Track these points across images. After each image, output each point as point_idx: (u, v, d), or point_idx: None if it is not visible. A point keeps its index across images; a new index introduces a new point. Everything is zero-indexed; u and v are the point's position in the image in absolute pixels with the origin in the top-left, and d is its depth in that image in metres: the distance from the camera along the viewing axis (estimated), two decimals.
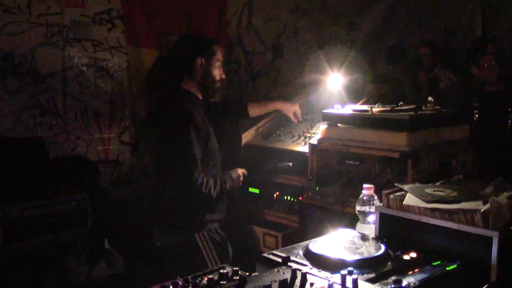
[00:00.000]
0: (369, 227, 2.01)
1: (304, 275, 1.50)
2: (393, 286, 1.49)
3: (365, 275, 1.56)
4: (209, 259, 2.63)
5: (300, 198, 2.94)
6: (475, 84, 4.31)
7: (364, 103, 3.18)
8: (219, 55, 2.82)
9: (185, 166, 2.57)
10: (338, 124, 2.75)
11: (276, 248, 2.86)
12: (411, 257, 1.71)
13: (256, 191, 3.24)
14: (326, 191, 2.74)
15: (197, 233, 2.66)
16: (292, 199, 3.05)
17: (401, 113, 2.56)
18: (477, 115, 3.89)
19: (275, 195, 3.14)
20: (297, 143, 3.12)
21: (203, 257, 2.63)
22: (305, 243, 1.85)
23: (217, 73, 2.80)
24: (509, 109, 3.76)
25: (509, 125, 3.76)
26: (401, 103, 2.73)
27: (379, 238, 1.91)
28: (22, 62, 3.65)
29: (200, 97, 2.82)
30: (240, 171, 2.89)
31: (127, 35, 4.03)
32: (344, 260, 1.65)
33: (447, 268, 1.64)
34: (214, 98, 2.92)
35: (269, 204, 3.17)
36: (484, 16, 6.07)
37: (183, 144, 2.58)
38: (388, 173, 2.68)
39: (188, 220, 2.68)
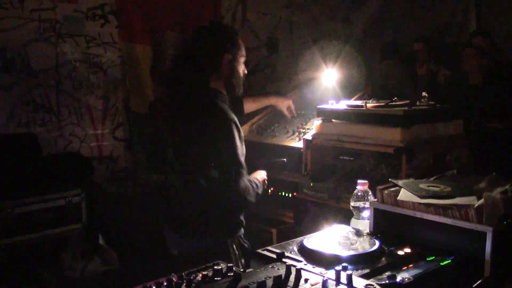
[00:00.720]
0: (364, 222, 2.01)
1: (298, 271, 1.50)
2: (387, 281, 1.49)
3: (360, 271, 1.56)
4: (237, 266, 2.41)
5: (295, 193, 2.94)
6: (461, 77, 4.34)
7: (359, 98, 3.18)
8: (243, 50, 2.60)
9: (232, 172, 2.36)
10: (333, 120, 2.74)
11: (271, 243, 2.86)
12: (405, 253, 1.71)
13: None
14: (321, 186, 2.75)
15: (229, 239, 2.40)
16: (286, 195, 3.05)
17: (396, 109, 2.55)
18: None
19: (269, 191, 3.14)
20: (292, 139, 3.12)
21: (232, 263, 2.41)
22: (299, 239, 1.85)
23: (242, 69, 2.59)
24: (489, 102, 3.77)
25: (475, 118, 3.77)
26: (396, 98, 2.73)
27: (373, 233, 1.91)
28: (15, 57, 3.63)
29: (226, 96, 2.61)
30: (263, 173, 2.70)
31: (120, 30, 4.02)
32: (338, 256, 1.65)
33: (441, 263, 1.64)
34: (239, 95, 2.67)
35: (263, 199, 3.17)
36: (478, 11, 6.08)
37: (230, 148, 2.36)
38: (383, 168, 2.69)
39: (220, 224, 2.43)
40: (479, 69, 3.97)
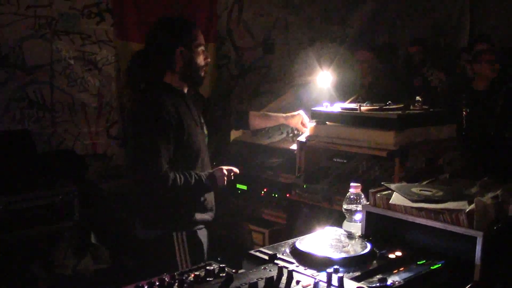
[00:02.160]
0: (356, 225, 2.02)
1: (290, 273, 1.50)
2: (378, 284, 1.50)
3: (351, 274, 1.57)
4: (180, 261, 2.44)
5: (288, 195, 2.94)
6: (464, 81, 4.32)
7: (353, 101, 3.19)
8: (200, 39, 2.52)
9: (147, 160, 2.33)
10: (327, 122, 2.75)
11: (263, 244, 2.87)
12: (396, 256, 1.72)
13: (244, 187, 3.24)
14: (314, 188, 2.75)
15: (175, 232, 2.45)
16: (280, 196, 3.06)
17: (389, 112, 2.57)
18: (465, 113, 3.89)
19: (263, 192, 3.14)
20: (286, 140, 3.13)
21: (175, 257, 2.44)
22: (292, 240, 1.86)
23: (200, 59, 2.51)
24: (495, 108, 3.76)
25: (495, 122, 3.77)
26: (390, 102, 2.74)
27: (365, 236, 1.92)
28: (9, 54, 3.62)
29: (185, 89, 2.58)
30: (225, 169, 2.57)
31: (115, 28, 4.01)
32: (330, 258, 1.66)
33: (431, 267, 1.65)
34: (200, 86, 2.67)
35: (256, 200, 3.18)
36: (473, 14, 6.12)
37: (147, 137, 2.34)
38: (376, 171, 2.70)
39: (167, 217, 2.48)
40: (490, 74, 3.90)
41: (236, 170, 2.61)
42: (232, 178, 2.58)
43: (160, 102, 2.38)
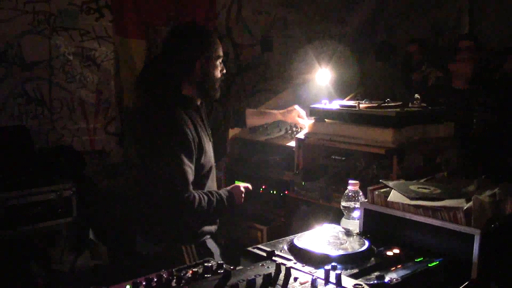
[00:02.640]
0: (354, 222, 2.03)
1: (288, 270, 1.51)
2: (375, 281, 1.50)
3: (349, 271, 1.57)
4: None
5: (286, 192, 2.95)
6: (444, 81, 4.33)
7: (351, 98, 3.19)
8: (219, 51, 2.44)
9: (175, 181, 2.24)
10: (325, 120, 2.76)
11: (261, 241, 2.87)
12: (394, 253, 1.72)
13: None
14: (312, 185, 2.76)
15: (184, 245, 2.37)
16: (278, 193, 3.06)
17: (388, 110, 2.57)
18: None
19: (261, 189, 3.15)
20: (284, 137, 3.13)
21: None
22: (290, 237, 1.86)
23: (218, 71, 2.44)
24: (475, 107, 3.76)
25: (474, 122, 3.76)
26: (388, 99, 2.74)
27: (363, 233, 1.93)
28: (8, 50, 3.62)
29: (199, 101, 2.49)
30: (243, 186, 2.55)
31: (114, 24, 4.01)
32: (328, 255, 1.66)
33: (429, 265, 1.66)
34: (215, 98, 2.54)
35: (255, 197, 3.18)
36: (471, 14, 6.12)
37: (173, 156, 2.25)
38: (374, 169, 2.70)
39: (175, 231, 2.38)
40: (468, 73, 3.92)
41: (250, 187, 2.62)
42: (251, 193, 2.60)
43: (182, 118, 2.31)
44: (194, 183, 2.33)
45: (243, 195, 2.51)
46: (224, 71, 2.51)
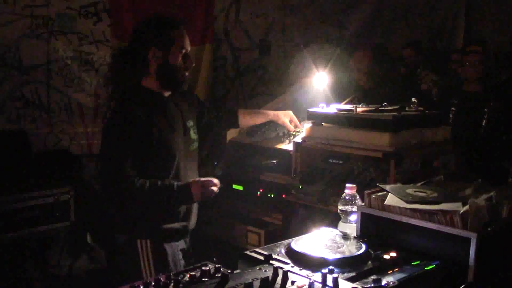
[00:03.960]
0: (351, 226, 2.04)
1: (285, 273, 1.51)
2: (372, 285, 1.51)
3: (346, 274, 1.58)
4: (144, 269, 2.37)
5: (284, 195, 2.95)
6: (455, 83, 4.35)
7: (349, 102, 3.20)
8: (181, 41, 2.40)
9: (112, 166, 2.32)
10: (323, 123, 2.77)
11: (259, 245, 2.87)
12: (391, 257, 1.73)
13: (240, 188, 3.25)
14: (310, 189, 2.76)
15: (140, 239, 2.38)
16: (275, 197, 3.07)
17: (385, 114, 2.58)
18: (451, 115, 3.90)
19: (258, 193, 3.15)
20: (282, 141, 3.14)
21: (139, 265, 2.37)
22: (287, 241, 1.87)
23: (178, 62, 2.40)
24: (485, 110, 3.78)
25: (483, 124, 3.78)
26: (385, 103, 2.75)
27: (360, 237, 1.93)
28: (6, 53, 3.62)
29: (166, 93, 2.48)
30: (202, 180, 2.41)
31: (113, 28, 4.01)
32: (325, 258, 1.67)
33: (426, 268, 1.66)
34: (181, 89, 2.53)
35: (252, 201, 3.18)
36: (468, 18, 6.15)
37: (113, 144, 2.34)
38: (371, 172, 2.71)
39: (131, 223, 2.42)
40: (478, 76, 3.94)
41: (216, 182, 2.43)
42: (213, 192, 2.42)
43: (129, 111, 2.34)
44: (154, 173, 2.35)
45: (202, 192, 2.40)
46: (192, 63, 2.49)
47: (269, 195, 3.11)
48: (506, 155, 3.58)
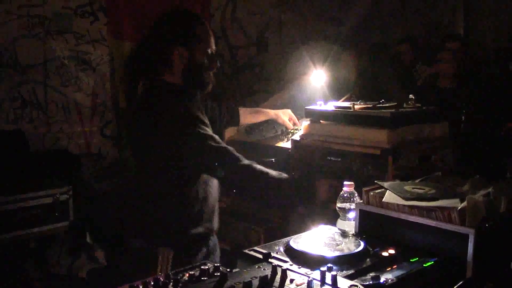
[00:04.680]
0: (350, 223, 2.04)
1: (284, 272, 1.51)
2: (371, 282, 1.51)
3: (344, 272, 1.58)
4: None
5: None
6: (430, 79, 4.38)
7: (346, 100, 3.20)
8: (208, 41, 2.28)
9: (226, 153, 2.17)
10: (321, 121, 2.77)
11: (258, 243, 2.87)
12: (389, 254, 1.73)
13: None
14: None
15: (161, 248, 2.18)
16: None
17: (383, 111, 2.58)
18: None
19: None
20: (280, 139, 3.14)
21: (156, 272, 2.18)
22: (286, 239, 1.87)
23: (205, 61, 2.27)
24: (463, 104, 3.79)
25: (462, 120, 3.79)
26: (383, 100, 2.76)
27: (358, 234, 1.94)
28: (2, 53, 3.62)
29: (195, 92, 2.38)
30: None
31: (109, 28, 4.01)
32: (324, 256, 1.67)
33: (424, 265, 1.67)
34: (206, 90, 2.40)
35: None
36: (466, 13, 6.14)
37: (209, 135, 2.18)
38: (369, 169, 2.71)
39: (153, 229, 2.27)
40: (453, 72, 3.98)
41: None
42: None
43: (184, 104, 2.22)
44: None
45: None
46: (218, 64, 2.37)
47: None
48: (503, 150, 3.60)
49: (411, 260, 1.70)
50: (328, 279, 1.46)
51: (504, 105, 3.92)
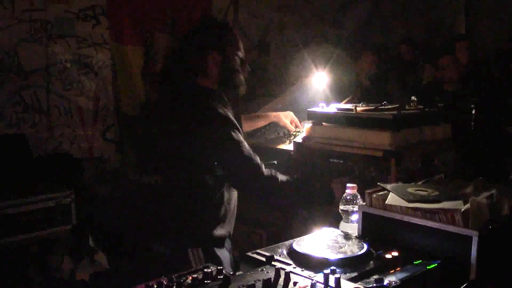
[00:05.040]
0: (353, 226, 2.03)
1: (287, 274, 1.51)
2: (374, 285, 1.51)
3: (348, 274, 1.58)
4: None
5: None
6: (435, 82, 4.39)
7: (349, 101, 3.20)
8: (238, 45, 2.42)
9: (253, 160, 2.28)
10: (323, 123, 2.77)
11: (261, 246, 2.87)
12: (393, 256, 1.73)
13: None
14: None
15: (190, 249, 2.25)
16: None
17: (385, 113, 2.58)
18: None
19: None
20: (282, 141, 3.14)
21: None
22: (289, 242, 1.87)
23: (237, 64, 2.40)
24: (465, 106, 3.79)
25: (472, 122, 3.80)
26: (385, 102, 2.75)
27: (362, 237, 1.93)
28: (5, 58, 3.62)
29: (223, 94, 2.46)
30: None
31: (111, 31, 4.02)
32: (327, 259, 1.67)
33: (427, 267, 1.66)
34: (240, 92, 2.51)
35: (254, 201, 3.18)
36: (467, 15, 6.15)
37: (240, 138, 2.28)
38: (372, 171, 2.71)
39: (183, 233, 2.29)
40: (456, 76, 4.02)
41: None
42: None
43: (219, 108, 2.28)
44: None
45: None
46: (249, 68, 2.52)
47: None
48: (505, 151, 3.59)
49: (414, 262, 1.69)
50: (332, 282, 1.46)
51: (505, 106, 3.92)
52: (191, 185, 2.29)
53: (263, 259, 1.71)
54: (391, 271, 1.62)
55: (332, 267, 1.54)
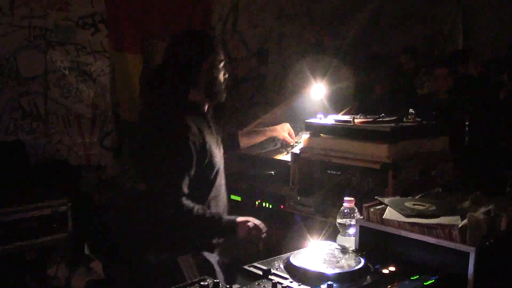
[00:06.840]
0: (350, 239, 2.03)
1: None
2: None
3: None
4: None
5: (282, 206, 2.95)
6: (428, 92, 4.42)
7: (347, 113, 3.20)
8: (221, 54, 2.46)
9: (170, 183, 2.24)
10: (321, 134, 2.77)
11: (257, 256, 2.86)
12: (390, 271, 1.73)
13: (238, 198, 3.24)
14: (308, 200, 2.76)
15: (181, 256, 2.30)
16: (274, 208, 3.06)
17: (383, 125, 2.58)
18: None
19: (256, 203, 3.14)
20: (280, 152, 3.14)
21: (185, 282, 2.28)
22: (286, 255, 1.86)
23: (222, 75, 2.47)
24: (461, 116, 3.82)
25: (466, 130, 3.81)
26: (383, 114, 2.76)
27: (359, 251, 1.93)
28: (3, 64, 3.63)
29: (206, 107, 2.49)
30: (254, 222, 2.43)
31: (110, 39, 4.02)
32: (324, 273, 1.66)
33: (425, 283, 1.66)
34: (222, 101, 2.54)
35: (250, 212, 3.17)
36: (465, 25, 6.18)
37: (173, 161, 2.25)
38: (369, 183, 2.71)
39: (172, 241, 2.33)
40: (449, 87, 4.06)
41: (263, 227, 2.46)
42: (260, 239, 2.47)
43: (187, 125, 2.29)
44: (199, 189, 2.33)
45: (248, 232, 2.41)
46: (227, 75, 2.53)
47: (267, 206, 3.10)
48: (503, 163, 3.60)
49: (411, 278, 1.69)
50: None
51: (502, 118, 3.93)
52: (170, 194, 2.27)
53: (260, 272, 1.71)
54: (388, 286, 1.62)
55: (329, 282, 1.54)
